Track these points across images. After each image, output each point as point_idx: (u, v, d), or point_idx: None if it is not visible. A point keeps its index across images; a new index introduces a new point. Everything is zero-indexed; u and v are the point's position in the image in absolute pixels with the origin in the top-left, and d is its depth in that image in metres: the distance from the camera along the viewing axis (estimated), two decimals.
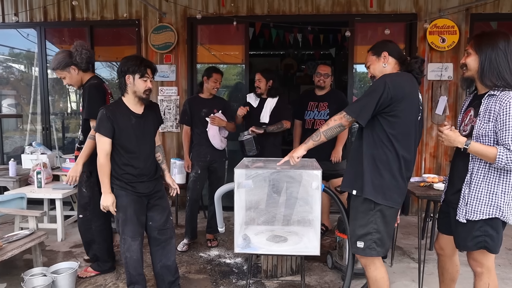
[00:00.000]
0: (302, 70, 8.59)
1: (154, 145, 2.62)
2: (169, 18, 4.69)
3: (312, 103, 3.81)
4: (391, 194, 2.02)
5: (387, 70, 2.14)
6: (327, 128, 2.08)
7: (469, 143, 1.87)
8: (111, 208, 2.42)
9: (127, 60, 2.41)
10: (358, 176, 2.08)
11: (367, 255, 2.08)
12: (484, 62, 1.90)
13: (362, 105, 2.01)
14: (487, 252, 1.97)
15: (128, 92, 2.44)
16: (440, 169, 4.57)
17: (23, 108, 5.37)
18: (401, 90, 1.97)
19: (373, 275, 2.13)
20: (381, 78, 2.02)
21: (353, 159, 2.16)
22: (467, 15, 4.36)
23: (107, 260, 3.07)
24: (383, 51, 2.15)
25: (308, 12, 4.54)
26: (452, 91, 4.48)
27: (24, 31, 5.11)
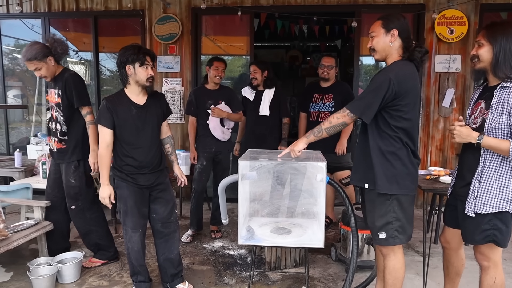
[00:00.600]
0: (307, 62, 8.52)
1: (157, 137, 2.57)
2: (173, 9, 4.65)
3: (317, 95, 3.78)
4: (404, 182, 2.02)
5: (391, 50, 2.04)
6: (329, 125, 2.06)
7: (482, 138, 1.84)
8: (106, 200, 2.41)
9: (125, 50, 2.39)
10: (368, 169, 2.06)
11: (390, 244, 2.06)
12: (499, 53, 1.85)
13: (366, 103, 1.97)
14: (494, 246, 1.95)
15: (130, 82, 2.42)
16: (446, 162, 4.52)
17: (28, 99, 5.38)
18: (405, 85, 1.95)
19: (391, 264, 2.11)
20: (385, 73, 1.97)
21: (361, 153, 2.14)
22: (477, 5, 4.28)
23: (109, 246, 3.09)
24: (394, 28, 2.00)
25: (314, 2, 4.48)
26: (460, 83, 4.41)
27: (29, 22, 5.10)
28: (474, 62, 1.97)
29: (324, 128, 2.07)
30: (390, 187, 2.01)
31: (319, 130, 2.08)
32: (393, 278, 2.11)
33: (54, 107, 2.91)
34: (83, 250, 3.21)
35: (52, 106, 2.93)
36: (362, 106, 1.98)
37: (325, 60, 3.75)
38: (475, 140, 1.86)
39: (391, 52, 2.04)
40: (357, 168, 2.19)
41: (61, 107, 2.85)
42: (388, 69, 2.01)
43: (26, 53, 2.75)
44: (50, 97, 2.95)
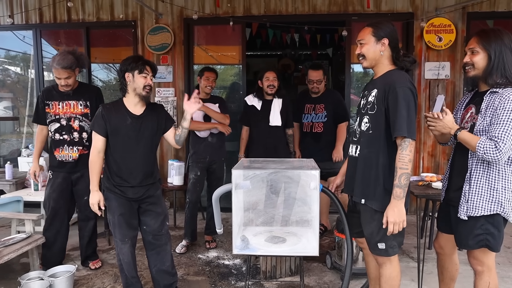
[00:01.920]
0: (299, 70, 8.58)
1: (150, 149, 2.52)
2: (165, 19, 4.67)
3: (308, 106, 3.77)
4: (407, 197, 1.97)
5: (381, 59, 2.01)
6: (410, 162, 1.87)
7: (459, 131, 1.89)
8: (95, 206, 2.41)
9: (126, 60, 2.43)
10: (369, 184, 1.99)
11: (390, 254, 2.03)
12: (494, 60, 1.87)
13: (413, 122, 1.87)
14: (488, 251, 1.97)
15: (128, 91, 2.42)
16: (438, 168, 4.56)
17: (19, 111, 5.34)
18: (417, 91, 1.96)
19: (388, 272, 2.07)
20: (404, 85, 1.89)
21: (367, 169, 2.02)
22: (464, 13, 4.37)
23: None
24: (385, 37, 1.97)
25: (305, 12, 4.54)
26: (450, 89, 4.48)
27: (20, 33, 5.08)
28: (467, 69, 1.97)
29: (410, 171, 1.88)
30: None
31: (407, 177, 1.87)
32: (389, 286, 2.08)
33: (77, 117, 3.01)
34: (75, 263, 3.17)
35: (73, 117, 3.01)
36: (413, 127, 1.87)
37: (312, 75, 3.67)
38: (454, 131, 1.91)
39: (381, 60, 2.02)
40: (360, 182, 2.05)
41: (89, 117, 3.00)
42: (399, 80, 1.91)
43: (62, 61, 2.82)
44: (65, 108, 3.00)
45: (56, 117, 3.01)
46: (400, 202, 1.88)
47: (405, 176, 1.86)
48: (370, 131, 2.00)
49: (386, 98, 1.92)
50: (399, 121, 1.85)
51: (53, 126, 3.01)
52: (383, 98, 1.93)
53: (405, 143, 1.86)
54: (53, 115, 3.01)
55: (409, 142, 1.85)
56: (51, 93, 3.03)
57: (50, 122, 3.02)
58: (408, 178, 1.87)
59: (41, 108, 3.03)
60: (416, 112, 1.91)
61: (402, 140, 1.87)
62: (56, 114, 3.01)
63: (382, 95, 1.94)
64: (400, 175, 1.86)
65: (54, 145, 3.02)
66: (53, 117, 3.02)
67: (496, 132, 1.79)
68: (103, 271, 3.17)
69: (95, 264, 3.21)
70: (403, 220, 1.90)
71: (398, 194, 1.87)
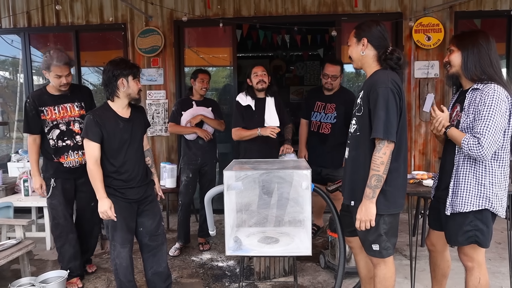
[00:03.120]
0: (291, 71, 8.61)
1: (142, 149, 2.57)
2: (155, 22, 4.66)
3: (319, 103, 3.53)
4: (397, 200, 1.97)
5: (365, 59, 2.01)
6: (384, 166, 1.86)
7: (449, 128, 1.97)
8: (109, 212, 2.31)
9: (116, 64, 2.38)
10: (360, 187, 1.96)
11: (384, 256, 2.01)
12: (466, 57, 1.96)
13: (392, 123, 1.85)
14: (477, 247, 1.99)
15: (119, 96, 2.39)
16: (430, 166, 4.61)
17: (9, 116, 5.28)
18: (401, 87, 1.92)
19: (382, 273, 2.05)
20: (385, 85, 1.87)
21: (354, 170, 2.04)
22: (451, 13, 4.42)
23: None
24: (364, 37, 1.98)
25: (295, 12, 4.56)
26: (439, 88, 4.53)
27: (8, 37, 5.03)
28: (447, 68, 2.07)
29: (382, 174, 1.87)
30: (383, 208, 1.93)
31: (378, 179, 1.87)
32: (383, 287, 2.07)
33: (76, 120, 2.88)
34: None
35: (71, 120, 2.87)
36: (391, 128, 1.84)
37: (328, 69, 3.41)
38: (444, 127, 1.99)
39: (366, 61, 2.01)
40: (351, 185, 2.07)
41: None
42: (379, 80, 1.91)
43: (62, 58, 2.71)
44: (62, 112, 2.85)
45: (54, 123, 2.83)
46: (368, 201, 1.90)
47: (375, 177, 1.87)
48: (358, 133, 2.01)
49: (368, 99, 1.93)
50: (376, 122, 1.86)
51: (54, 133, 2.83)
52: (367, 99, 1.94)
53: (380, 145, 1.86)
54: (50, 121, 2.82)
55: (383, 144, 1.85)
56: (43, 98, 2.82)
57: (50, 130, 2.83)
58: (379, 179, 1.87)
59: (32, 116, 2.79)
60: (397, 111, 1.87)
61: (378, 141, 1.87)
62: (53, 120, 2.82)
63: (366, 96, 1.95)
64: (371, 176, 1.88)
65: (58, 153, 2.83)
66: (51, 124, 2.83)
67: (478, 128, 1.84)
68: (95, 275, 3.14)
69: (91, 268, 3.18)
70: (370, 219, 1.91)
71: (367, 194, 1.90)
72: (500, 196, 1.93)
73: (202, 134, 3.47)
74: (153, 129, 4.74)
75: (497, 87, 1.86)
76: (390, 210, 1.96)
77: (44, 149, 2.89)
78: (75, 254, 2.95)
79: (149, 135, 4.73)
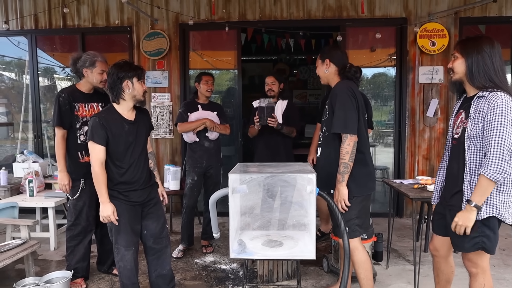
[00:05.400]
0: (294, 75, 8.63)
1: (146, 152, 2.58)
2: (161, 25, 4.69)
3: None
4: (366, 183, 2.39)
5: (328, 75, 2.47)
6: (349, 155, 2.26)
7: (473, 203, 1.87)
8: (112, 217, 2.33)
9: (120, 66, 2.39)
10: (332, 177, 2.36)
11: (351, 237, 2.35)
12: (471, 65, 1.95)
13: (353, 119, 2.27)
14: (482, 253, 1.98)
15: (125, 98, 2.40)
16: (433, 171, 4.60)
17: (14, 117, 5.32)
18: (357, 92, 2.34)
19: (358, 258, 2.41)
20: (340, 90, 2.32)
21: (326, 164, 2.44)
22: (456, 18, 4.43)
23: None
24: (327, 58, 2.45)
25: (300, 17, 4.58)
26: (443, 93, 4.53)
27: (15, 39, 5.08)
28: (450, 74, 2.08)
29: (347, 161, 2.26)
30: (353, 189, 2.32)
31: (345, 166, 2.27)
32: (363, 270, 2.41)
33: None
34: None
35: None
36: (350, 123, 2.26)
37: None
38: (474, 211, 1.88)
39: (329, 76, 2.47)
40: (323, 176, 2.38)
41: None
42: (337, 87, 2.36)
43: (100, 56, 2.90)
44: (91, 111, 2.91)
45: (84, 120, 2.87)
46: (339, 185, 2.30)
47: (343, 165, 2.27)
48: (326, 133, 2.44)
49: (331, 104, 2.35)
50: (335, 120, 2.29)
51: (84, 130, 2.87)
52: (331, 105, 2.36)
53: (344, 138, 2.26)
54: (81, 117, 2.87)
55: (347, 138, 2.25)
56: (76, 94, 2.88)
57: (81, 126, 2.86)
58: (346, 166, 2.26)
59: (65, 110, 2.81)
60: (355, 110, 2.27)
61: (343, 136, 2.27)
62: (83, 116, 2.87)
63: (330, 102, 2.38)
64: (340, 164, 2.28)
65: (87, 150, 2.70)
66: (81, 120, 2.87)
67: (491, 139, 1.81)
68: (99, 276, 3.15)
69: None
70: (344, 199, 2.30)
71: (338, 179, 2.31)
72: (507, 204, 1.92)
73: (211, 124, 3.49)
74: (157, 131, 4.77)
75: (504, 95, 1.85)
76: (358, 193, 2.35)
77: (71, 148, 2.87)
78: (85, 256, 2.97)
79: (153, 137, 4.75)
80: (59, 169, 2.86)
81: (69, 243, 2.95)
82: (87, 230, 2.94)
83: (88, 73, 2.86)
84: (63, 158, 2.85)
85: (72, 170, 2.88)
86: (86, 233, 2.95)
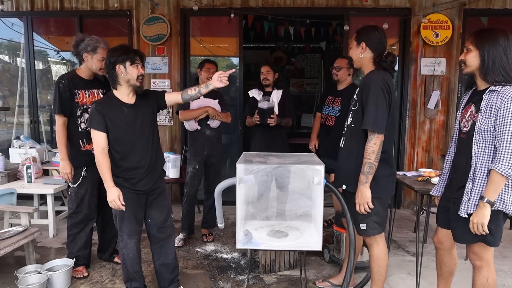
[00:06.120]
0: (292, 63, 8.57)
1: (153, 136, 2.49)
2: (161, 9, 4.59)
3: (330, 98, 3.67)
4: (388, 184, 2.27)
5: (363, 61, 2.28)
6: (375, 155, 2.14)
7: (485, 199, 1.86)
8: (117, 201, 2.31)
9: (113, 51, 2.34)
10: (352, 172, 2.25)
11: (370, 234, 2.31)
12: (486, 58, 1.92)
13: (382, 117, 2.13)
14: (487, 246, 2.00)
15: (120, 83, 2.36)
16: (432, 163, 4.63)
17: (6, 101, 5.20)
18: (391, 86, 2.18)
19: (375, 253, 2.35)
20: (375, 84, 2.14)
21: (348, 158, 2.32)
22: (460, 10, 4.40)
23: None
24: (363, 41, 2.25)
25: (303, 5, 4.51)
26: (445, 85, 4.52)
27: (9, 21, 4.93)
28: (462, 67, 2.04)
29: (373, 161, 2.14)
30: (376, 190, 2.21)
31: (370, 166, 2.14)
32: (377, 266, 2.36)
33: None
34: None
35: None
36: (380, 122, 2.12)
37: (335, 62, 3.66)
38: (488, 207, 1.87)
39: (364, 62, 2.29)
40: (344, 171, 2.35)
41: None
42: (372, 80, 2.18)
43: (103, 42, 2.78)
44: (91, 97, 2.84)
45: (84, 107, 2.80)
46: (362, 186, 2.17)
47: (368, 165, 2.14)
48: (353, 125, 2.29)
49: (362, 96, 2.20)
50: (366, 116, 2.15)
51: (85, 117, 2.81)
52: (361, 96, 2.21)
53: (371, 136, 2.13)
54: (81, 105, 2.80)
55: (374, 136, 2.12)
56: (75, 80, 2.79)
57: (82, 113, 2.80)
58: (371, 166, 2.14)
59: (65, 97, 2.74)
60: (386, 108, 2.13)
61: (370, 133, 2.14)
62: (83, 103, 2.81)
63: (360, 93, 2.23)
64: (364, 164, 2.15)
65: (89, 138, 2.65)
66: (82, 107, 2.80)
67: (504, 134, 1.81)
68: (100, 264, 3.14)
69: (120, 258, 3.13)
70: (367, 201, 2.18)
71: (361, 179, 2.18)
72: None
73: (214, 113, 3.46)
74: (157, 118, 4.70)
75: None
76: (380, 193, 2.23)
77: (72, 136, 2.81)
78: (87, 243, 2.95)
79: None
80: (60, 157, 2.81)
81: (70, 231, 2.92)
82: (88, 218, 2.91)
83: (88, 58, 2.77)
84: (64, 146, 2.79)
85: (74, 158, 2.83)
86: (87, 221, 2.91)
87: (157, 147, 2.55)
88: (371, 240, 2.35)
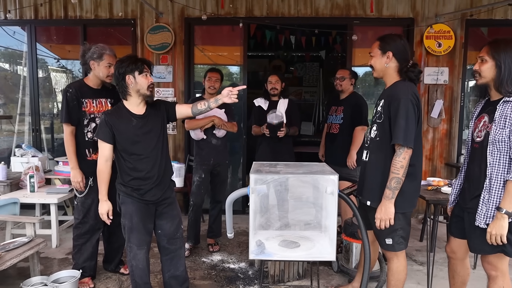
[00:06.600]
0: (291, 72, 8.60)
1: (163, 146, 2.47)
2: (166, 18, 4.60)
3: (333, 107, 3.75)
4: (413, 199, 2.20)
5: (387, 71, 2.21)
6: (403, 170, 2.07)
7: (503, 210, 1.86)
8: (105, 216, 2.40)
9: (121, 62, 2.34)
10: (378, 187, 2.18)
11: (396, 250, 2.24)
12: (502, 69, 1.91)
13: (411, 130, 2.06)
14: (503, 256, 1.99)
15: (130, 93, 2.36)
16: (436, 172, 4.64)
17: (8, 109, 5.16)
18: (419, 98, 2.14)
19: (395, 267, 2.28)
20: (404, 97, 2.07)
21: (374, 173, 2.24)
22: (462, 20, 4.45)
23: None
24: (389, 50, 2.18)
25: (307, 14, 4.54)
26: (448, 94, 4.56)
27: (11, 29, 4.91)
28: (476, 77, 2.02)
29: (401, 176, 2.07)
30: (402, 206, 2.15)
31: (398, 181, 2.07)
32: (395, 280, 2.30)
33: None
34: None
35: None
36: (410, 135, 2.05)
37: (338, 72, 3.71)
38: (506, 218, 1.86)
39: (388, 72, 2.21)
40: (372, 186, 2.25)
41: None
42: (401, 91, 2.11)
43: (108, 49, 2.77)
44: (98, 107, 2.82)
45: (91, 116, 2.78)
46: (388, 201, 2.11)
47: (395, 180, 2.07)
48: (378, 138, 2.22)
49: (389, 108, 2.12)
50: (396, 130, 2.07)
51: (91, 126, 2.79)
52: (388, 108, 2.14)
53: (400, 150, 2.07)
54: (89, 114, 2.78)
55: (403, 150, 2.05)
56: (83, 89, 2.77)
57: (89, 122, 2.78)
58: (398, 182, 2.07)
59: (73, 106, 2.72)
60: (416, 122, 2.08)
61: (398, 147, 2.07)
62: (91, 113, 2.78)
63: (387, 105, 2.14)
64: (391, 179, 2.08)
65: (96, 147, 2.61)
66: (89, 117, 2.78)
67: None
68: (106, 275, 3.08)
69: (127, 269, 2.93)
70: (389, 218, 2.12)
71: (387, 195, 2.10)
72: None
73: (220, 122, 3.45)
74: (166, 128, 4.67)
75: None
76: (406, 209, 2.18)
77: (78, 145, 2.78)
78: (93, 254, 2.90)
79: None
80: (71, 166, 2.77)
81: (76, 241, 2.87)
82: (95, 228, 2.87)
83: (95, 65, 2.76)
84: (73, 155, 2.76)
85: (80, 168, 2.80)
86: (94, 231, 2.87)
87: (167, 157, 2.52)
88: (391, 254, 2.28)
